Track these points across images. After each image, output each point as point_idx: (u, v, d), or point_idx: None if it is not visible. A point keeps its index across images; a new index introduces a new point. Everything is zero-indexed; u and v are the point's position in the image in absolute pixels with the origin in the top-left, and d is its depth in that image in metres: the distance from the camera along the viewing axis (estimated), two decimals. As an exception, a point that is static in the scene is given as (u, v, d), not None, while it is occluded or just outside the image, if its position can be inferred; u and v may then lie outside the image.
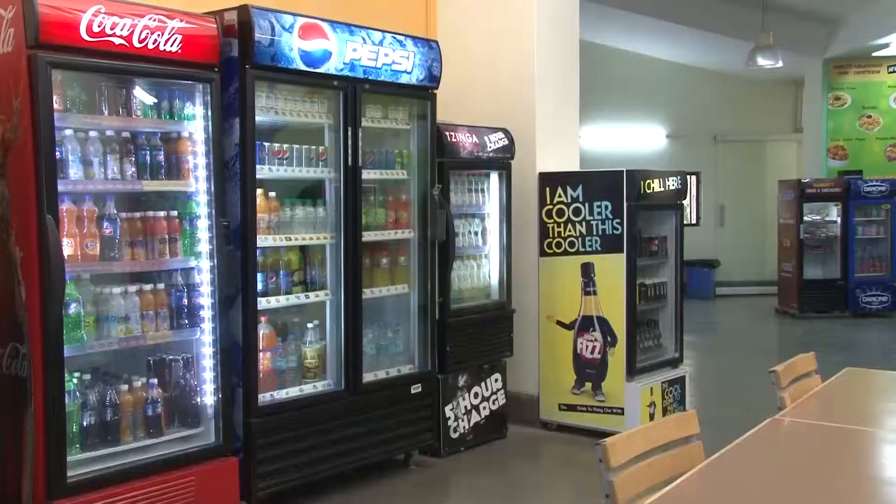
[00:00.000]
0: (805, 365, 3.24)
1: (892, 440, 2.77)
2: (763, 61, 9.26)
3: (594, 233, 5.38)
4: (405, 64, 4.58)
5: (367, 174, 4.50)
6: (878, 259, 10.55)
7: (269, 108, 4.13)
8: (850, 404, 3.21)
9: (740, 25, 10.15)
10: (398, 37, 4.56)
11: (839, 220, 10.60)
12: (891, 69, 11.07)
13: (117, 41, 3.40)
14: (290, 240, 4.22)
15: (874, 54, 10.82)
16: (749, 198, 13.24)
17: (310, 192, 4.43)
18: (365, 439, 4.44)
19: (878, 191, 10.41)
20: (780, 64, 9.49)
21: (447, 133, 5.05)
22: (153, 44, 3.52)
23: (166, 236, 3.71)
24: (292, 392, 4.19)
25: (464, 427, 5.14)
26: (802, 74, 11.68)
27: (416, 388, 4.74)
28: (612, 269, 5.32)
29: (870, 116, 11.15)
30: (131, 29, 3.44)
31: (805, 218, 10.67)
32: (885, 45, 10.44)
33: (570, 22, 6.02)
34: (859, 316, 10.37)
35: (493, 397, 5.36)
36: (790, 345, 8.85)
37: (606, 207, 5.33)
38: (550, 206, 5.57)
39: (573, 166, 5.99)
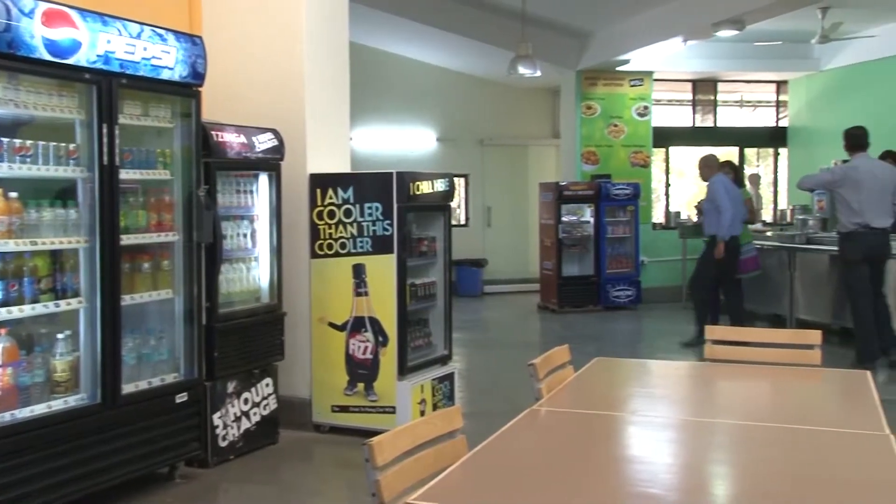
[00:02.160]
0: (560, 357, 3.45)
1: (636, 422, 3.02)
2: (523, 70, 9.77)
3: (365, 234, 5.42)
4: (167, 59, 4.37)
5: (125, 174, 4.24)
6: (624, 256, 11.48)
7: (9, 100, 3.77)
8: (599, 391, 3.47)
9: (503, 35, 10.65)
10: (158, 30, 4.34)
11: (592, 220, 11.42)
12: (632, 83, 12.11)
13: None
14: (37, 244, 3.88)
15: (618, 69, 11.76)
16: (513, 199, 13.94)
17: (66, 194, 4.11)
18: (125, 454, 4.19)
19: (624, 193, 11.33)
20: (538, 73, 10.06)
21: (213, 132, 4.88)
22: None
23: None
24: (38, 409, 3.85)
25: (233, 434, 5.00)
26: (559, 84, 12.47)
27: (181, 397, 4.54)
28: (382, 269, 5.39)
29: (616, 125, 12.12)
30: None
31: (563, 218, 11.39)
32: (627, 61, 11.39)
33: (340, 22, 6.03)
34: (610, 309, 11.23)
35: (264, 402, 5.25)
36: (551, 338, 9.42)
37: (377, 209, 5.40)
38: (321, 208, 5.55)
39: (344, 168, 6.00)
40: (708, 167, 8.80)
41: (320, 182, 5.57)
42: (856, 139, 7.54)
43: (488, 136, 13.79)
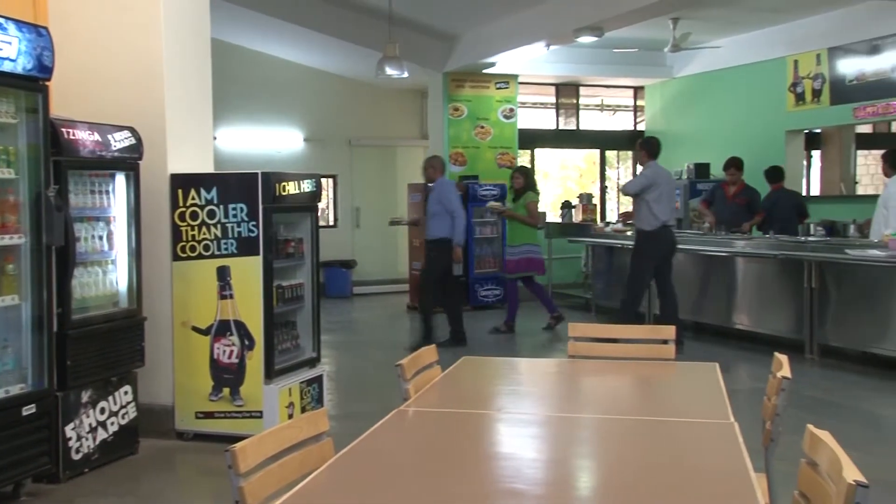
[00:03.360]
0: (427, 357, 3.47)
1: (503, 419, 3.07)
2: (390, 71, 9.78)
3: (230, 235, 5.29)
4: (8, 50, 4.11)
5: (-36, 172, 3.97)
6: (492, 256, 11.68)
7: None
8: (467, 390, 3.51)
9: (370, 36, 10.62)
10: (-1, 19, 4.08)
11: (461, 221, 11.54)
12: (498, 86, 12.35)
13: None
14: None
15: (484, 71, 11.96)
16: (383, 200, 13.92)
17: None
18: (-34, 473, 3.92)
19: (491, 194, 11.52)
20: (405, 75, 10.10)
21: (64, 129, 4.63)
22: None
23: None
24: None
25: (88, 446, 4.76)
26: (427, 85, 12.56)
27: (28, 409, 4.28)
28: (248, 271, 5.27)
29: (483, 127, 12.32)
30: None
31: (431, 219, 11.48)
32: (493, 64, 11.60)
33: (201, 15, 5.84)
34: (479, 308, 11.41)
35: (123, 411, 5.03)
36: (420, 338, 9.43)
37: (242, 210, 5.27)
38: (184, 209, 5.37)
39: (207, 168, 5.83)
40: (433, 168, 8.85)
41: (182, 182, 5.39)
42: (655, 147, 8.24)
43: (357, 137, 13.73)
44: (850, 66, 10.06)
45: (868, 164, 15.24)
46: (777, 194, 9.57)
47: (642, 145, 8.35)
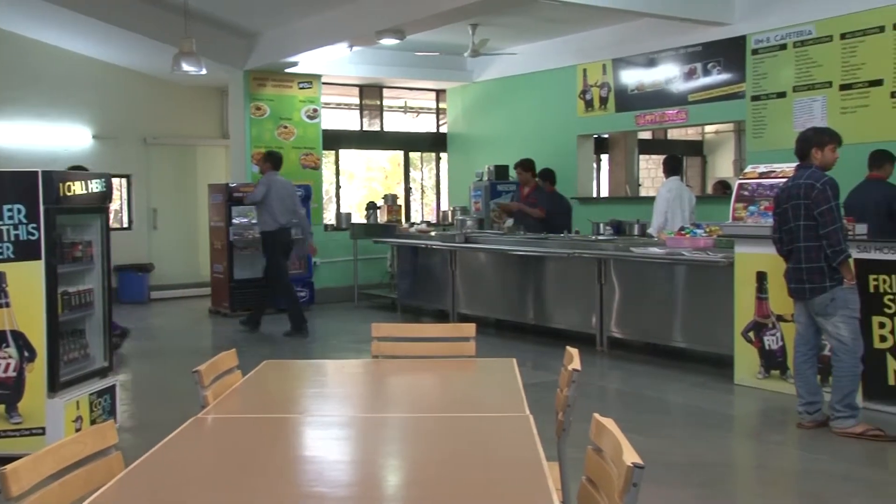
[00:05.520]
0: (227, 362, 3.36)
1: (307, 422, 3.04)
2: (187, 67, 9.40)
3: (6, 239, 4.86)
4: None
5: None
6: (297, 258, 11.49)
7: None
8: (269, 394, 3.44)
9: (165, 30, 10.16)
10: None
11: (263, 222, 11.31)
12: (301, 85, 12.20)
13: None
14: None
15: (287, 70, 11.77)
16: (182, 201, 13.35)
17: None
18: None
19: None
20: (204, 71, 9.74)
21: None
22: None
23: None
24: None
25: None
26: (227, 83, 12.18)
27: None
28: (28, 277, 4.87)
29: (286, 127, 12.11)
30: None
31: (234, 220, 11.16)
32: (295, 64, 11.45)
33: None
34: (284, 311, 11.17)
35: None
36: (223, 343, 9.13)
37: (20, 211, 4.87)
38: (-50, 210, 4.88)
39: (-22, 165, 5.34)
40: (265, 161, 9.78)
41: (-53, 181, 4.90)
42: (278, 160, 9.70)
43: (153, 135, 13.08)
44: (632, 77, 10.81)
45: (649, 168, 16.47)
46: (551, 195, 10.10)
47: (265, 159, 9.73)
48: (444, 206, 14.17)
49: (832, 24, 8.42)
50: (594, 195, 12.53)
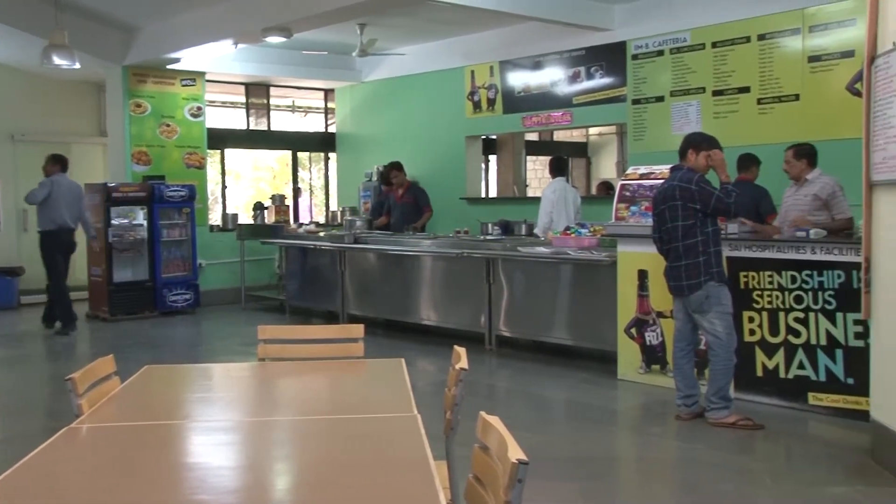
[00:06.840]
0: (104, 368, 3.23)
1: (191, 428, 2.95)
2: (59, 61, 8.97)
3: None
4: None
5: None
6: (181, 259, 11.19)
7: None
8: (150, 401, 3.32)
9: (34, 20, 9.66)
10: None
11: (145, 223, 10.95)
12: (184, 82, 11.84)
13: None
14: None
15: (169, 67, 11.39)
16: (55, 201, 12.71)
17: None
18: None
19: (179, 195, 11.05)
20: (77, 65, 9.33)
21: None
22: None
23: None
24: None
25: None
26: (105, 79, 11.69)
27: None
28: None
29: (168, 125, 11.73)
30: None
31: (113, 221, 10.75)
32: (178, 60, 11.10)
33: None
34: (168, 314, 10.88)
35: None
36: (101, 349, 8.77)
37: None
38: None
39: None
40: (53, 164, 9.85)
41: None
42: (64, 163, 9.90)
43: (21, 132, 12.40)
44: (518, 79, 11.00)
45: (536, 169, 16.80)
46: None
47: (52, 161, 9.80)
48: (334, 206, 14.05)
49: (705, 32, 8.80)
50: (482, 195, 12.68)
